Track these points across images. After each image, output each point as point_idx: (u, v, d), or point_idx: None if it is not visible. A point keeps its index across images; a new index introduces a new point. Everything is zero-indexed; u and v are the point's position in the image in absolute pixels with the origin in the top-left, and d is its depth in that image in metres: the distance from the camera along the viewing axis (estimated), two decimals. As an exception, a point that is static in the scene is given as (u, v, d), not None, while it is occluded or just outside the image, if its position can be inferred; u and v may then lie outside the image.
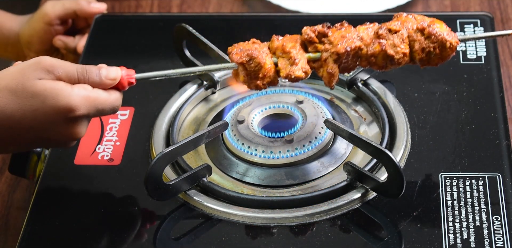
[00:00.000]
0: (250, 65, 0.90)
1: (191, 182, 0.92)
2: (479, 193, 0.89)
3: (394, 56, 0.91)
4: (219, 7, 1.36)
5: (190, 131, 1.02)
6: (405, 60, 0.92)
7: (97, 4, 1.22)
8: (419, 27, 0.92)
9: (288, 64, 0.90)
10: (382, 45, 0.91)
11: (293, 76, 0.90)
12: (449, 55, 0.92)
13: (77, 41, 1.23)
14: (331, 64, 0.90)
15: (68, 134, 0.89)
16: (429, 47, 0.92)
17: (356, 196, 0.90)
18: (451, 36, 0.92)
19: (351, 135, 0.91)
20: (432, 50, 0.92)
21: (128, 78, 0.91)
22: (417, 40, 0.92)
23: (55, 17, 1.21)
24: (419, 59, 0.92)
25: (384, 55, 0.91)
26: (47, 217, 0.92)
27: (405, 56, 0.92)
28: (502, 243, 0.84)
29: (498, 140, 0.95)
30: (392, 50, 0.91)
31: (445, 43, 0.92)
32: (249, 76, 0.90)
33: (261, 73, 0.90)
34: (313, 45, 0.91)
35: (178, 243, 0.89)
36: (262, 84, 0.91)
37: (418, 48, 0.92)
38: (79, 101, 0.87)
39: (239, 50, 0.90)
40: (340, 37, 0.90)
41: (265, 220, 0.89)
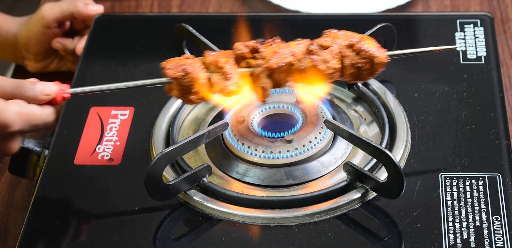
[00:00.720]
0: (184, 80, 0.91)
1: (191, 182, 0.92)
2: (479, 193, 0.89)
3: (325, 71, 0.93)
4: (219, 7, 1.36)
5: (190, 131, 1.02)
6: (336, 76, 0.94)
7: (95, 6, 1.22)
8: (349, 43, 0.94)
9: (222, 79, 0.92)
10: (313, 60, 0.92)
11: (227, 91, 0.92)
12: (378, 70, 0.95)
13: (76, 43, 1.23)
14: (263, 79, 0.92)
15: (1, 150, 0.90)
16: (359, 62, 0.94)
17: (356, 196, 0.90)
18: (380, 52, 0.94)
19: (351, 135, 0.91)
20: (362, 65, 0.94)
21: (61, 93, 0.92)
22: (347, 56, 0.93)
23: (52, 20, 1.21)
24: (350, 74, 0.94)
25: (315, 70, 0.93)
26: (47, 217, 0.92)
27: (336, 71, 0.94)
28: (502, 243, 0.84)
29: (498, 140, 0.95)
30: (323, 66, 0.93)
31: (373, 59, 0.94)
32: (183, 91, 0.92)
33: (195, 88, 0.92)
34: (245, 61, 0.93)
35: (178, 243, 0.89)
36: (196, 98, 0.92)
37: (349, 63, 0.93)
38: (13, 118, 0.89)
39: (173, 65, 0.93)
40: (272, 53, 0.93)
41: (265, 220, 0.89)
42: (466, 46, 1.08)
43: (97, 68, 1.12)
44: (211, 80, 0.92)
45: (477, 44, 1.09)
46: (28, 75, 1.26)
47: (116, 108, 1.04)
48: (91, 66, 1.12)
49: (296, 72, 0.93)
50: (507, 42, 1.25)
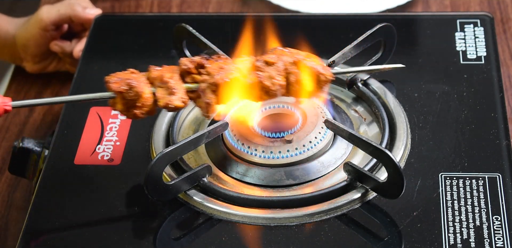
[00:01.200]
0: (128, 94, 0.91)
1: (191, 182, 0.92)
2: (479, 193, 0.89)
3: (270, 87, 0.93)
4: (219, 7, 1.36)
5: (190, 131, 1.02)
6: (282, 92, 0.94)
7: (92, 10, 1.22)
8: (294, 60, 0.94)
9: (167, 93, 0.92)
10: (259, 76, 0.92)
11: (171, 106, 0.92)
12: (323, 88, 0.95)
13: (74, 45, 1.23)
14: (209, 95, 0.92)
15: None
16: (304, 79, 0.94)
17: (356, 196, 0.90)
18: (325, 70, 0.95)
19: (351, 135, 0.91)
20: (307, 82, 0.94)
21: (3, 105, 0.92)
22: (292, 73, 0.94)
23: (50, 23, 1.21)
24: (295, 90, 0.95)
25: (260, 86, 0.93)
26: (47, 217, 0.92)
27: (281, 88, 0.94)
28: (502, 243, 0.84)
29: (498, 140, 0.95)
30: (269, 82, 0.93)
31: (319, 76, 0.94)
32: (127, 105, 0.92)
33: (140, 102, 0.92)
34: (190, 76, 0.93)
35: (178, 243, 0.89)
36: (140, 113, 0.92)
37: (294, 80, 0.94)
38: None
39: (117, 79, 0.92)
40: (217, 68, 0.93)
41: (265, 220, 0.89)
42: (466, 46, 1.08)
43: (97, 68, 1.12)
44: (156, 95, 0.92)
45: (477, 44, 1.09)
46: (28, 76, 1.26)
47: (116, 108, 1.04)
48: (91, 66, 1.12)
49: (241, 88, 0.93)
50: (507, 42, 1.25)
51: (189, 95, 0.93)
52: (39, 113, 1.21)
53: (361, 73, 1.03)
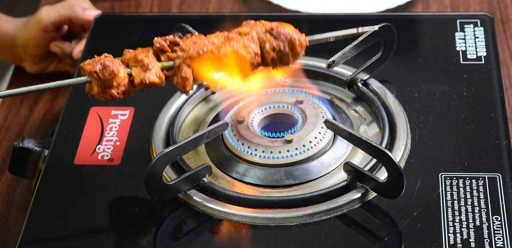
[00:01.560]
0: (103, 73, 0.91)
1: (191, 182, 0.92)
2: (479, 193, 0.89)
3: (246, 56, 0.93)
4: (219, 7, 1.36)
5: (190, 131, 1.02)
6: (257, 60, 0.94)
7: (92, 11, 1.22)
8: (268, 28, 0.94)
9: (142, 71, 0.92)
10: (233, 46, 0.93)
11: (147, 82, 0.92)
12: (299, 53, 0.95)
13: (73, 46, 1.23)
14: (184, 69, 0.92)
15: None
16: (279, 46, 0.94)
17: (356, 196, 0.90)
18: (299, 35, 0.95)
19: (351, 135, 0.91)
20: (282, 49, 0.94)
21: None
22: (267, 41, 0.94)
23: (50, 24, 1.21)
24: (271, 59, 0.95)
25: (236, 56, 0.93)
26: (47, 217, 0.92)
27: (256, 55, 0.94)
28: (502, 243, 0.84)
29: (498, 140, 0.95)
30: (244, 51, 0.93)
31: (294, 42, 0.94)
32: (103, 85, 0.92)
33: (115, 81, 0.92)
34: (165, 54, 0.94)
35: (178, 243, 0.89)
36: (117, 93, 0.92)
37: (269, 48, 0.94)
38: None
39: (91, 61, 0.92)
40: (191, 43, 0.93)
41: (265, 220, 0.89)
42: (466, 46, 1.08)
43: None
44: (132, 74, 0.92)
45: (477, 44, 1.09)
46: (28, 76, 1.26)
47: (116, 108, 1.04)
48: (91, 66, 1.12)
49: (217, 60, 0.93)
50: (507, 42, 1.25)
51: (165, 74, 0.93)
52: (39, 113, 1.21)
53: (361, 72, 1.03)
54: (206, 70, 0.93)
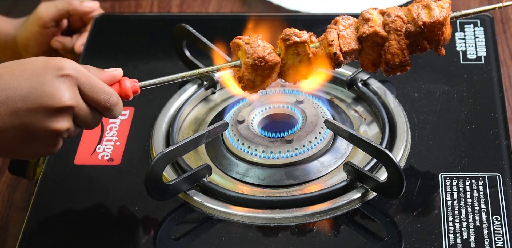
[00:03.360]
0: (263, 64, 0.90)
1: (191, 182, 0.92)
2: (479, 193, 0.89)
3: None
4: (219, 7, 1.36)
5: (190, 131, 1.02)
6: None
7: (90, 2, 1.22)
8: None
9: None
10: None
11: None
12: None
13: (74, 40, 1.23)
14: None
15: (49, 124, 0.83)
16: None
17: (356, 196, 0.90)
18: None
19: (351, 135, 0.91)
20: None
21: (132, 88, 0.89)
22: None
23: (49, 19, 1.21)
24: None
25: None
26: (47, 217, 0.92)
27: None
28: (502, 243, 0.84)
29: (498, 140, 0.95)
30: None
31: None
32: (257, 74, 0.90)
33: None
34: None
35: (178, 243, 0.89)
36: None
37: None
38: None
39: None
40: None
41: (265, 220, 0.89)
42: (466, 46, 1.08)
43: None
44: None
45: (477, 44, 1.09)
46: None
47: (116, 108, 1.04)
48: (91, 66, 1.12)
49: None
50: (507, 42, 1.25)
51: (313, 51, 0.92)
52: (39, 113, 1.21)
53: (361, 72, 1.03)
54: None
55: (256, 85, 0.91)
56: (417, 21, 0.91)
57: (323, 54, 0.91)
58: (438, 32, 0.92)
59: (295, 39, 0.90)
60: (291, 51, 0.90)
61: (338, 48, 0.91)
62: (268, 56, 0.90)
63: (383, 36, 0.91)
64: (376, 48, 0.92)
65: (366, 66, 0.93)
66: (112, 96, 0.87)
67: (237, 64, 0.91)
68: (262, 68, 0.90)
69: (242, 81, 0.91)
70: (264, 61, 0.90)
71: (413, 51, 0.93)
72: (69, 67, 0.84)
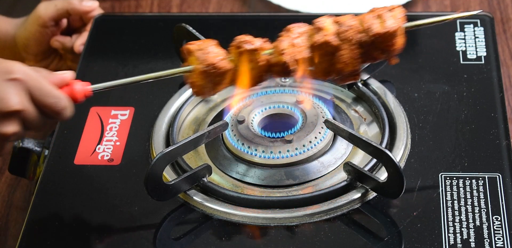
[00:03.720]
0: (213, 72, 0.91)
1: (191, 182, 0.92)
2: (479, 193, 0.89)
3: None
4: (219, 7, 1.36)
5: (190, 131, 1.02)
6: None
7: (90, 2, 1.22)
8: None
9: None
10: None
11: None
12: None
13: (74, 40, 1.23)
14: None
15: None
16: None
17: (356, 196, 0.90)
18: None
19: (351, 135, 0.91)
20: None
21: (84, 91, 0.90)
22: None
23: (48, 19, 1.21)
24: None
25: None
26: (47, 217, 0.92)
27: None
28: (502, 243, 0.84)
29: (498, 140, 0.95)
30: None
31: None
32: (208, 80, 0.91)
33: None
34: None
35: (178, 243, 0.89)
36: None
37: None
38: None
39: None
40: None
41: (265, 220, 0.89)
42: (466, 46, 1.08)
43: (97, 68, 1.12)
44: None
45: (477, 44, 1.09)
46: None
47: (116, 108, 1.04)
48: (91, 66, 1.12)
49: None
50: (507, 42, 1.25)
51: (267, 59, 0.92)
52: (39, 113, 1.21)
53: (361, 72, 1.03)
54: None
55: (207, 91, 0.92)
56: (370, 31, 0.92)
57: (275, 62, 0.91)
58: (390, 42, 0.92)
59: (247, 46, 0.91)
60: (243, 58, 0.91)
61: (289, 57, 0.91)
62: (219, 63, 0.91)
63: (335, 45, 0.91)
64: (328, 57, 0.92)
65: (317, 74, 0.93)
66: (61, 100, 0.88)
67: (189, 70, 0.92)
68: (213, 75, 0.91)
69: (194, 86, 0.92)
70: (215, 68, 0.91)
71: (365, 61, 0.94)
72: (18, 71, 0.85)
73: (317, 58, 0.92)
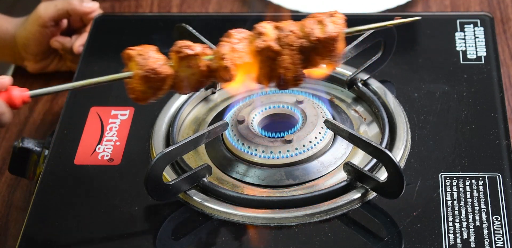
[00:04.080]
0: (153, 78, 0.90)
1: (191, 182, 0.92)
2: (479, 193, 0.89)
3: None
4: (219, 7, 1.36)
5: (190, 131, 1.02)
6: None
7: (90, 3, 1.22)
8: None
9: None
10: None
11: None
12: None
13: (74, 41, 1.23)
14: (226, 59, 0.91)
15: None
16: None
17: (356, 196, 0.90)
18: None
19: (351, 135, 0.91)
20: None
21: (21, 97, 0.91)
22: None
23: (48, 19, 1.21)
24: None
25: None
26: (47, 217, 0.92)
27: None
28: (502, 243, 0.84)
29: (498, 140, 0.95)
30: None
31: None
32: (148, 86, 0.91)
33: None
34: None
35: (178, 243, 0.89)
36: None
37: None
38: None
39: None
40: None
41: (265, 220, 0.89)
42: (466, 46, 1.08)
43: (97, 68, 1.12)
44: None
45: (477, 44, 1.09)
46: (28, 76, 1.26)
47: (116, 108, 1.04)
48: (91, 66, 1.12)
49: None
50: (507, 42, 1.25)
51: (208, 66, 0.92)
52: (39, 113, 1.21)
53: (361, 72, 1.03)
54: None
55: (148, 97, 0.92)
56: (311, 36, 0.92)
57: (216, 67, 0.91)
58: (331, 47, 0.92)
59: (187, 52, 0.91)
60: (183, 63, 0.91)
61: (230, 62, 0.90)
62: (160, 68, 0.91)
63: (276, 50, 0.91)
64: (269, 62, 0.92)
65: (259, 79, 0.93)
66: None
67: (129, 76, 0.91)
68: (153, 80, 0.91)
69: (133, 92, 0.92)
70: (156, 73, 0.90)
71: (306, 66, 0.93)
72: None
73: (258, 63, 0.92)
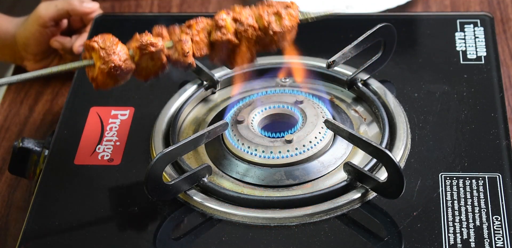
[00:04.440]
0: (105, 42, 0.94)
1: (191, 182, 0.92)
2: (479, 193, 0.89)
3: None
4: (219, 7, 1.36)
5: (190, 131, 1.02)
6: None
7: (90, 3, 1.22)
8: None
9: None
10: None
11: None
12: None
13: (74, 41, 1.23)
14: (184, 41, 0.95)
15: None
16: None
17: (356, 196, 0.90)
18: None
19: (351, 135, 0.91)
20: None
21: None
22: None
23: (48, 19, 1.21)
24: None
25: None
26: (47, 217, 0.92)
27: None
28: (502, 243, 0.84)
29: (498, 140, 0.95)
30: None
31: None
32: (104, 58, 0.93)
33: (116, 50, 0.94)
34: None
35: (178, 243, 0.89)
36: (119, 60, 0.94)
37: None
38: None
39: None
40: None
41: (265, 220, 0.89)
42: (466, 46, 1.08)
43: (97, 68, 1.12)
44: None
45: (477, 44, 1.09)
46: (28, 75, 1.26)
47: (116, 108, 1.04)
48: (91, 66, 1.12)
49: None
50: (507, 42, 1.25)
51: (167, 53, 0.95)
52: (39, 113, 1.21)
53: (361, 72, 1.03)
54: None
55: (109, 86, 0.94)
56: (268, 30, 0.96)
57: (176, 57, 0.94)
58: (286, 37, 0.96)
59: (152, 49, 0.94)
60: (146, 57, 0.94)
61: (190, 53, 0.94)
62: (124, 64, 0.93)
63: (235, 43, 0.95)
64: (226, 51, 0.96)
65: (215, 62, 0.98)
66: None
67: (90, 64, 0.93)
68: (117, 76, 0.93)
69: (95, 81, 0.94)
70: (121, 70, 0.93)
71: (259, 51, 0.98)
72: None
73: (216, 52, 0.96)
